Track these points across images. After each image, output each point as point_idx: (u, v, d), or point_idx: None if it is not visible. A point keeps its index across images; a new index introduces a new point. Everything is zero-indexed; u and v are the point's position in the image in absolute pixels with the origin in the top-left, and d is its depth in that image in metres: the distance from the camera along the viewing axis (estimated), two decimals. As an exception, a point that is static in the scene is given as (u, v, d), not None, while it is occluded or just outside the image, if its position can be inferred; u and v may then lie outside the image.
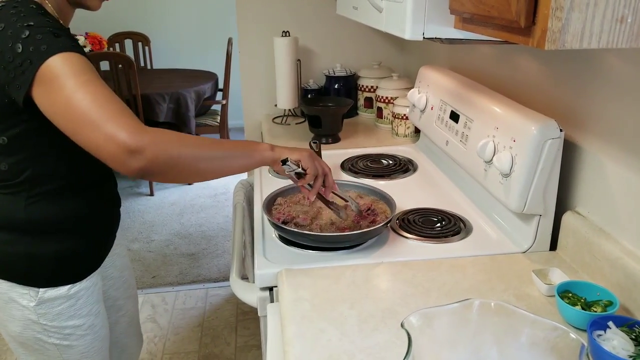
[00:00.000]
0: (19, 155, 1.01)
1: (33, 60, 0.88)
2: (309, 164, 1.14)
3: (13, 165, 1.02)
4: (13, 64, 0.90)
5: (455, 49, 1.78)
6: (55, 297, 1.10)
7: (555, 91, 1.22)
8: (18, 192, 1.04)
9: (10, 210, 1.05)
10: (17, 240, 1.06)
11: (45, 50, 0.89)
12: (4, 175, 1.03)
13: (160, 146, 0.89)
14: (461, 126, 1.38)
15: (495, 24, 0.79)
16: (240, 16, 2.20)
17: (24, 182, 1.03)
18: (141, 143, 0.87)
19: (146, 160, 0.88)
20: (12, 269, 1.08)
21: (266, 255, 1.17)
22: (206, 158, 0.98)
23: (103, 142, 0.87)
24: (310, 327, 0.93)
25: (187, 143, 0.95)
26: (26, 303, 1.09)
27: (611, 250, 1.01)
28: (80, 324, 1.15)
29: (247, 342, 2.40)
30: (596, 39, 0.66)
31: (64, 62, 0.89)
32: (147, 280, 2.85)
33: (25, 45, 0.89)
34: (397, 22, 1.05)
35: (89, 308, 1.16)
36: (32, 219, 1.05)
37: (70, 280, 1.12)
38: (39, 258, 1.07)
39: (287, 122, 2.17)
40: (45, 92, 0.89)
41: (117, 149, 0.86)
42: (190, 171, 0.97)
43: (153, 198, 3.86)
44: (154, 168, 0.90)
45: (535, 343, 0.74)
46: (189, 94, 3.75)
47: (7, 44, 0.90)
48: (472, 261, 1.13)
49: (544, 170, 1.09)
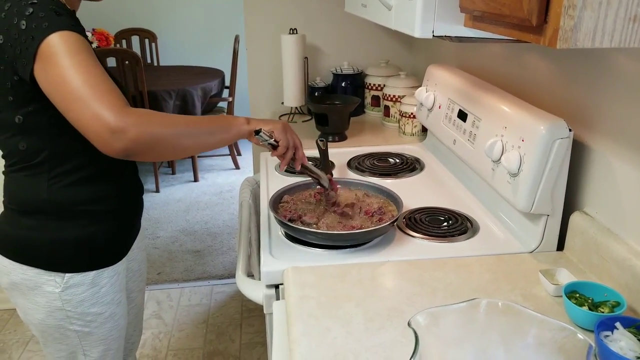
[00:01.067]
0: (36, 134, 1.03)
1: (35, 36, 0.91)
2: (281, 135, 1.17)
3: (31, 145, 1.04)
4: (18, 40, 0.93)
5: (463, 48, 1.77)
6: (80, 283, 1.12)
7: (565, 91, 1.21)
8: (39, 173, 1.06)
9: (32, 192, 1.07)
10: (42, 225, 1.08)
11: (47, 27, 0.92)
12: (23, 155, 1.05)
13: (142, 127, 0.93)
14: (469, 125, 1.37)
15: (507, 22, 0.78)
16: (248, 13, 2.20)
17: (44, 162, 1.05)
18: (123, 123, 0.90)
19: (128, 140, 0.91)
20: (38, 254, 1.09)
21: (272, 253, 1.17)
22: (187, 135, 1.02)
23: (89, 121, 0.90)
24: (316, 325, 0.93)
25: (168, 122, 1.00)
26: (52, 289, 1.11)
27: (619, 251, 1.00)
28: (102, 312, 1.18)
29: (252, 339, 2.40)
30: (608, 38, 0.65)
31: (61, 40, 0.92)
32: (152, 277, 2.86)
33: (29, 22, 0.92)
34: (407, 20, 1.05)
35: (111, 296, 1.19)
36: (54, 199, 1.07)
37: (95, 266, 1.14)
38: (63, 243, 1.09)
39: (293, 120, 2.17)
40: (43, 69, 0.92)
41: (101, 128, 0.90)
42: (172, 149, 1.01)
43: (159, 195, 3.87)
44: (136, 148, 0.93)
45: (542, 343, 0.74)
46: (196, 91, 3.76)
47: (13, 21, 0.93)
48: (479, 261, 1.13)
49: (552, 170, 1.09)
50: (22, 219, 1.10)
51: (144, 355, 2.30)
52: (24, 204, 1.09)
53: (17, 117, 1.02)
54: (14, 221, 1.11)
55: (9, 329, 2.45)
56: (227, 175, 4.24)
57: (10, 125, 1.03)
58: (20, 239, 1.10)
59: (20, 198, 1.09)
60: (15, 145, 1.05)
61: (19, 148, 1.05)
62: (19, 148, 1.05)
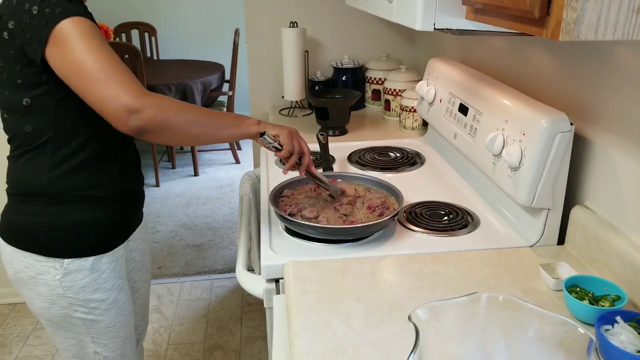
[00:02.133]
0: (41, 116, 1.06)
1: (48, 21, 0.96)
2: (286, 140, 1.20)
3: (36, 127, 1.07)
4: (30, 25, 0.97)
5: (464, 41, 1.76)
6: (79, 269, 1.14)
7: (566, 84, 1.20)
8: (41, 155, 1.08)
9: (34, 176, 1.09)
10: (42, 210, 1.10)
11: (60, 13, 0.96)
12: (28, 137, 1.08)
13: (158, 108, 0.99)
14: (470, 119, 1.37)
15: (509, 14, 0.78)
16: (248, 6, 2.19)
17: (47, 144, 1.07)
18: (141, 104, 0.97)
19: (143, 119, 0.97)
20: (36, 240, 1.11)
21: (272, 247, 1.17)
22: (198, 124, 1.07)
23: (108, 100, 0.96)
24: (316, 320, 0.93)
25: (183, 109, 1.05)
26: (52, 276, 1.13)
27: (620, 245, 1.00)
28: (104, 298, 1.19)
29: (252, 334, 2.41)
30: (611, 30, 0.65)
31: (76, 25, 0.97)
32: (152, 271, 2.85)
33: (41, 8, 0.97)
34: (408, 12, 1.04)
35: (112, 282, 1.20)
36: (55, 183, 1.09)
37: (94, 252, 1.16)
38: (62, 228, 1.11)
39: (294, 114, 2.16)
40: (59, 52, 0.97)
41: (120, 106, 0.96)
42: (181, 134, 1.06)
43: (159, 189, 3.87)
44: (150, 127, 0.99)
45: (543, 337, 0.74)
46: (196, 85, 3.74)
47: (24, 6, 0.98)
48: (480, 255, 1.13)
49: (553, 164, 1.08)
50: (23, 205, 1.12)
51: (145, 349, 2.30)
52: (25, 189, 1.11)
53: (24, 100, 1.04)
54: (16, 208, 1.13)
55: (9, 323, 2.45)
56: (227, 169, 4.23)
57: (18, 107, 1.06)
58: (21, 225, 1.12)
59: (22, 183, 1.11)
60: (22, 127, 1.07)
61: (25, 130, 1.07)
62: (25, 130, 1.07)
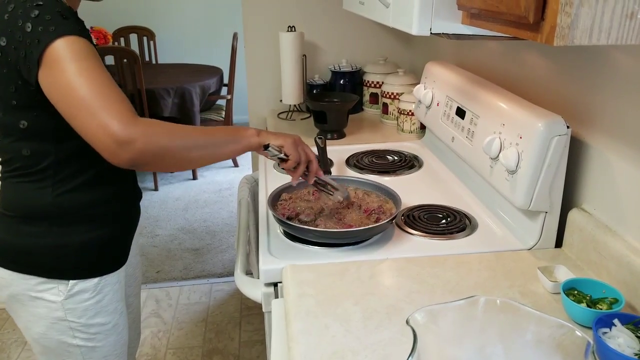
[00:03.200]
0: (41, 139, 1.00)
1: (41, 40, 0.89)
2: (292, 150, 1.14)
3: (36, 150, 1.01)
4: (23, 43, 0.90)
5: (461, 45, 1.77)
6: (83, 290, 1.09)
7: (563, 87, 1.21)
8: (43, 179, 1.03)
9: (37, 198, 1.04)
10: (45, 231, 1.05)
11: (53, 31, 0.89)
12: (27, 161, 1.02)
13: (149, 138, 0.91)
14: (467, 122, 1.37)
15: (504, 19, 0.78)
16: (246, 11, 2.20)
17: (49, 168, 1.02)
18: (131, 135, 0.88)
19: (135, 151, 0.89)
20: (41, 262, 1.06)
21: (271, 251, 1.17)
22: (196, 147, 1.00)
23: (96, 131, 0.88)
24: (314, 323, 0.93)
25: (176, 134, 0.97)
26: (54, 298, 1.08)
27: (617, 248, 1.00)
28: (105, 322, 1.15)
29: (251, 338, 2.40)
30: (605, 35, 0.65)
31: (68, 45, 0.89)
32: (151, 275, 2.86)
33: (35, 25, 0.89)
34: (404, 17, 1.05)
35: (114, 305, 1.16)
36: (60, 204, 1.04)
37: (99, 272, 1.11)
38: (68, 248, 1.07)
39: (292, 118, 2.16)
40: (49, 74, 0.90)
41: (108, 139, 0.88)
42: (180, 161, 0.99)
43: (157, 193, 3.87)
44: (144, 159, 0.91)
45: (541, 340, 0.74)
46: (194, 88, 3.75)
47: (17, 22, 0.90)
48: (477, 258, 1.13)
49: (550, 167, 1.09)
50: (23, 226, 1.06)
51: (143, 354, 2.30)
52: (26, 210, 1.05)
53: (21, 122, 0.99)
54: (13, 229, 1.07)
55: (7, 328, 2.45)
56: (225, 173, 4.23)
57: (14, 130, 1.00)
58: (21, 247, 1.06)
59: (22, 204, 1.05)
60: (18, 150, 1.02)
61: (22, 154, 1.01)
62: (22, 154, 1.01)
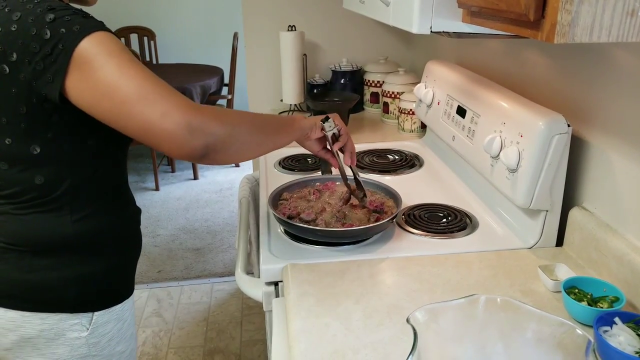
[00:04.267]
0: (55, 164, 0.90)
1: (65, 44, 0.79)
2: (340, 122, 1.19)
3: (50, 177, 0.90)
4: (40, 54, 0.80)
5: (462, 44, 1.77)
6: (107, 321, 1.01)
7: (563, 86, 1.21)
8: (61, 207, 0.92)
9: (54, 228, 0.93)
10: (65, 263, 0.95)
11: (79, 30, 0.80)
12: (41, 190, 0.91)
13: (220, 120, 0.84)
14: (468, 121, 1.37)
15: (504, 17, 0.78)
16: (246, 10, 2.20)
17: (65, 194, 0.92)
18: (201, 119, 0.81)
19: (209, 135, 0.82)
20: (62, 296, 0.95)
21: (271, 250, 1.17)
22: (259, 133, 0.96)
23: (159, 121, 0.79)
24: (315, 322, 0.93)
25: (242, 117, 0.92)
26: (77, 334, 0.97)
27: (618, 247, 1.00)
28: (124, 349, 1.06)
29: (252, 337, 2.40)
30: (606, 32, 0.65)
31: (97, 41, 0.81)
32: (152, 275, 2.86)
33: (54, 30, 0.79)
34: (405, 15, 1.05)
35: (131, 330, 1.08)
36: (80, 232, 0.94)
37: (122, 298, 1.03)
38: (92, 278, 0.97)
39: (292, 117, 2.16)
40: (83, 77, 0.80)
41: (177, 126, 0.79)
42: (247, 146, 0.92)
43: (159, 193, 3.87)
44: (217, 144, 0.84)
45: (541, 339, 0.74)
46: (195, 88, 3.75)
47: (30, 31, 0.80)
48: (478, 257, 1.13)
49: (551, 165, 1.08)
50: (38, 260, 0.94)
51: (145, 354, 2.30)
52: (41, 242, 0.93)
53: (33, 148, 0.87)
54: (25, 265, 0.94)
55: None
56: (226, 172, 4.23)
57: (24, 157, 0.88)
58: (37, 283, 0.94)
59: (35, 237, 0.93)
60: (30, 180, 0.90)
61: (35, 182, 0.90)
62: (35, 182, 0.90)
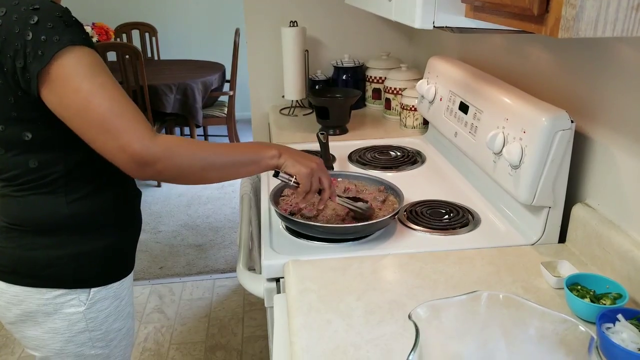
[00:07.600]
0: (48, 149, 0.96)
1: (44, 52, 0.84)
2: (304, 180, 1.09)
3: (44, 161, 0.96)
4: (21, 52, 0.85)
5: (464, 39, 1.76)
6: (105, 297, 1.07)
7: (566, 81, 1.20)
8: (55, 190, 0.99)
9: (51, 209, 0.99)
10: (65, 241, 1.01)
11: (58, 41, 0.85)
12: (35, 173, 0.97)
13: (170, 158, 0.93)
14: (470, 117, 1.36)
15: (508, 12, 0.77)
16: (248, 6, 2.19)
17: (59, 178, 0.98)
18: (152, 156, 0.90)
19: (156, 171, 0.92)
20: (61, 273, 1.02)
21: (273, 247, 1.17)
22: (214, 168, 1.00)
23: (117, 152, 0.89)
24: (316, 318, 0.93)
25: (198, 152, 0.97)
26: (75, 309, 1.04)
27: (621, 243, 1.00)
28: (121, 327, 1.13)
29: (254, 333, 2.41)
30: (611, 27, 0.65)
31: (76, 58, 0.86)
32: (154, 271, 2.87)
33: (36, 33, 0.84)
34: (407, 10, 1.04)
35: (129, 309, 1.15)
36: (76, 214, 1.01)
37: (119, 276, 1.10)
38: (89, 255, 1.03)
39: (294, 114, 2.16)
40: (57, 92, 0.87)
41: (130, 160, 0.89)
42: (198, 179, 1.00)
43: (160, 189, 3.87)
44: (163, 177, 0.94)
45: (544, 336, 0.74)
46: (196, 85, 3.75)
47: (14, 29, 0.84)
48: (480, 253, 1.13)
49: (554, 161, 1.08)
50: (39, 238, 1.00)
51: (147, 349, 2.31)
52: (39, 222, 1.00)
53: (24, 134, 0.93)
54: (27, 242, 1.00)
55: (11, 324, 2.45)
56: (228, 169, 4.23)
57: (17, 142, 0.94)
58: (39, 259, 1.00)
59: (34, 217, 0.99)
60: (24, 163, 0.96)
61: (30, 166, 0.96)
62: (30, 166, 0.96)
